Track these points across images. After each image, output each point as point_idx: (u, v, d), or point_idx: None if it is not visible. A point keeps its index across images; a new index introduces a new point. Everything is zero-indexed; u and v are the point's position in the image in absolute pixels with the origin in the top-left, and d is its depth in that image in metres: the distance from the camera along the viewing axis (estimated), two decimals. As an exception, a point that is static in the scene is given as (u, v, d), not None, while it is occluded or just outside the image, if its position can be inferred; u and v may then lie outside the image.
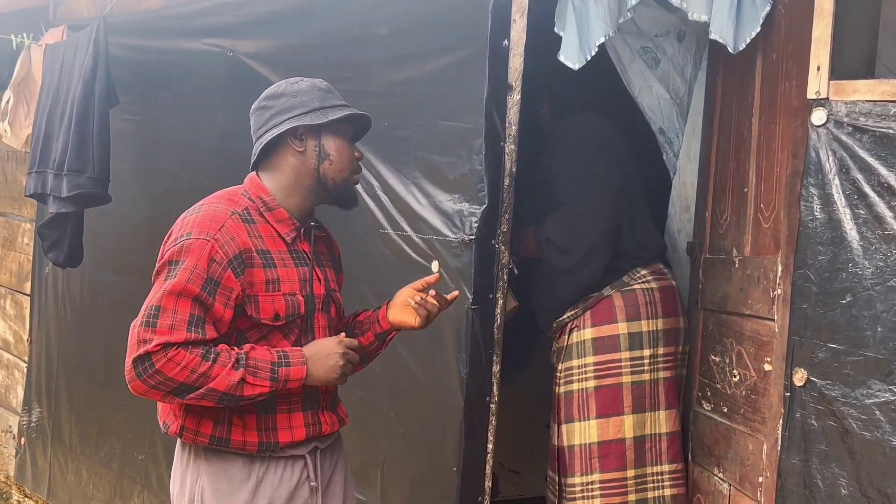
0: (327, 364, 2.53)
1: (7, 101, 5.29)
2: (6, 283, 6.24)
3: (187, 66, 4.41)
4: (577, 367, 3.44)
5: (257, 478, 2.56)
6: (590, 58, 3.03)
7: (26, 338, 5.91)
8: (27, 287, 5.86)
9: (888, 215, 2.43)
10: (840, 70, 2.57)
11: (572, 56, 3.01)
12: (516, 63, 3.13)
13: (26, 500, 5.80)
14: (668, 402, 3.40)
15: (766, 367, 2.80)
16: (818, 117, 2.56)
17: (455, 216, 3.19)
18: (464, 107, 3.21)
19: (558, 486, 3.56)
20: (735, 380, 3.02)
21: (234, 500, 2.54)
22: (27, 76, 5.17)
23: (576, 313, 3.49)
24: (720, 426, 3.12)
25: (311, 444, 2.64)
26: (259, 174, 2.64)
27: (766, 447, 2.75)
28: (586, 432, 3.41)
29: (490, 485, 3.27)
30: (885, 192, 2.44)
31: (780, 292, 2.71)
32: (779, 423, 2.65)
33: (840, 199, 2.51)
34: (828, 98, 2.55)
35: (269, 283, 2.52)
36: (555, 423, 3.55)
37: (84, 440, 5.21)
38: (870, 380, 2.43)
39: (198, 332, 2.39)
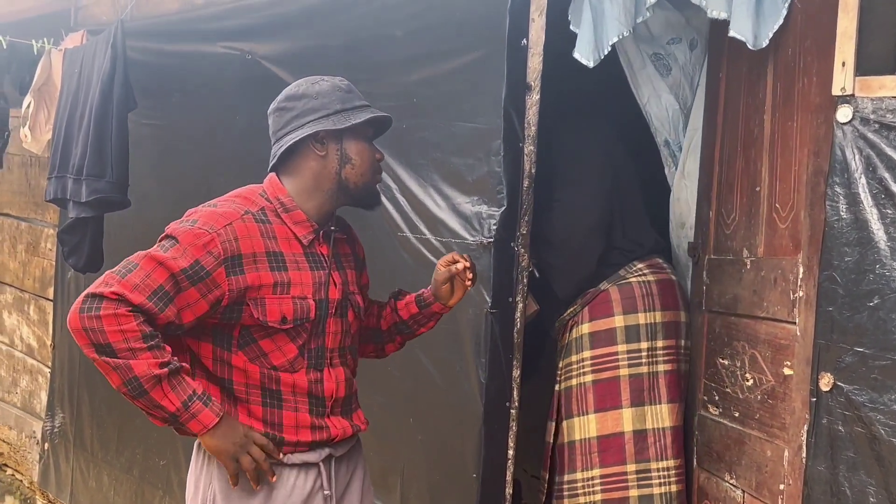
0: (229, 443, 2.46)
1: (28, 106, 5.29)
2: (30, 289, 6.26)
3: (205, 69, 4.40)
4: (576, 363, 3.40)
5: (269, 484, 2.53)
6: (603, 56, 2.99)
7: (49, 343, 5.93)
8: (50, 292, 5.88)
9: (917, 215, 2.36)
10: (865, 66, 2.50)
11: (587, 53, 2.97)
12: (535, 62, 3.09)
13: (49, 505, 5.82)
14: (669, 396, 3.34)
15: (787, 372, 2.74)
16: (843, 114, 2.49)
17: (473, 218, 3.15)
18: (482, 107, 3.17)
19: (548, 484, 3.54)
20: (748, 384, 2.96)
21: (246, 506, 2.52)
22: (48, 81, 5.17)
23: (575, 310, 3.46)
24: (731, 431, 3.05)
25: (325, 451, 2.61)
26: (279, 175, 2.61)
27: (787, 454, 2.69)
28: (585, 427, 3.37)
29: (511, 492, 3.23)
30: (914, 191, 2.37)
31: (803, 294, 2.65)
32: (803, 428, 2.59)
33: (867, 199, 2.44)
34: (853, 94, 2.48)
35: (278, 286, 2.49)
36: (552, 421, 3.52)
37: (105, 446, 5.21)
38: (898, 384, 2.36)
39: (157, 306, 2.37)
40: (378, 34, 3.55)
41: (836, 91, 2.52)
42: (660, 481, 3.29)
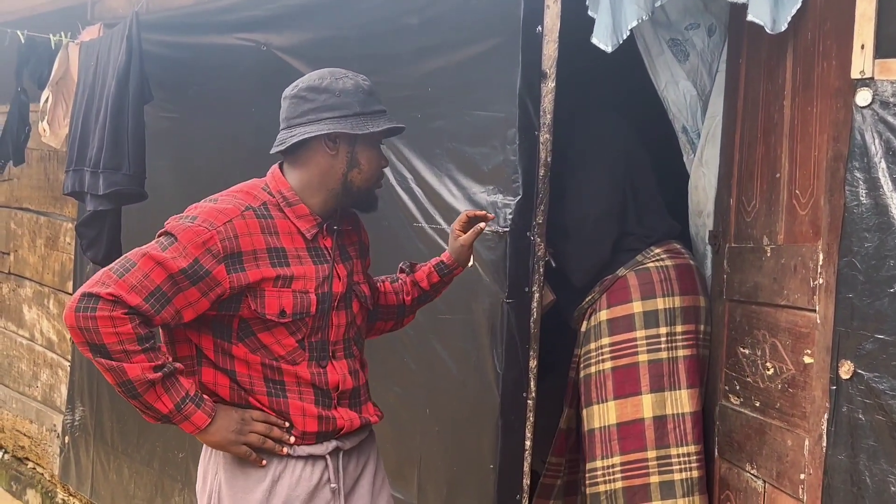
0: (227, 433, 2.47)
1: (46, 100, 5.31)
2: (49, 283, 6.28)
3: (221, 61, 4.40)
4: (595, 350, 3.37)
5: (273, 476, 2.52)
6: (622, 41, 2.95)
7: (69, 337, 5.94)
8: (69, 286, 5.89)
9: (937, 200, 2.33)
10: (885, 48, 2.46)
11: (605, 38, 2.93)
12: (550, 50, 3.06)
13: (71, 498, 5.83)
14: (689, 381, 3.30)
15: (807, 360, 2.70)
16: (863, 98, 2.45)
17: (489, 208, 3.13)
18: (497, 96, 3.15)
19: (562, 468, 3.58)
20: (769, 373, 2.92)
21: (250, 497, 2.51)
22: (65, 75, 5.19)
23: (593, 297, 3.43)
24: (752, 421, 3.02)
25: (332, 444, 2.59)
26: (283, 166, 2.59)
27: (808, 443, 2.66)
28: (605, 415, 3.33)
29: (528, 483, 3.21)
30: (934, 175, 2.33)
31: (822, 282, 2.61)
32: (823, 417, 2.55)
33: (887, 183, 2.40)
34: (873, 77, 2.44)
35: (279, 280, 2.47)
36: (569, 408, 3.51)
37: (125, 439, 5.22)
38: (920, 372, 2.33)
39: (154, 308, 2.36)
40: (393, 23, 3.53)
41: (855, 74, 2.47)
42: (680, 467, 3.26)
